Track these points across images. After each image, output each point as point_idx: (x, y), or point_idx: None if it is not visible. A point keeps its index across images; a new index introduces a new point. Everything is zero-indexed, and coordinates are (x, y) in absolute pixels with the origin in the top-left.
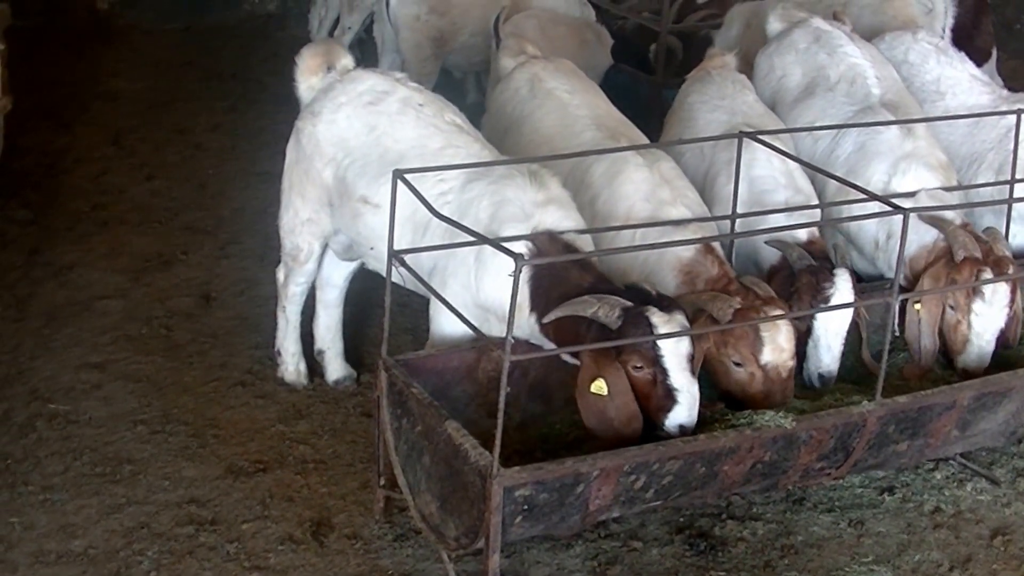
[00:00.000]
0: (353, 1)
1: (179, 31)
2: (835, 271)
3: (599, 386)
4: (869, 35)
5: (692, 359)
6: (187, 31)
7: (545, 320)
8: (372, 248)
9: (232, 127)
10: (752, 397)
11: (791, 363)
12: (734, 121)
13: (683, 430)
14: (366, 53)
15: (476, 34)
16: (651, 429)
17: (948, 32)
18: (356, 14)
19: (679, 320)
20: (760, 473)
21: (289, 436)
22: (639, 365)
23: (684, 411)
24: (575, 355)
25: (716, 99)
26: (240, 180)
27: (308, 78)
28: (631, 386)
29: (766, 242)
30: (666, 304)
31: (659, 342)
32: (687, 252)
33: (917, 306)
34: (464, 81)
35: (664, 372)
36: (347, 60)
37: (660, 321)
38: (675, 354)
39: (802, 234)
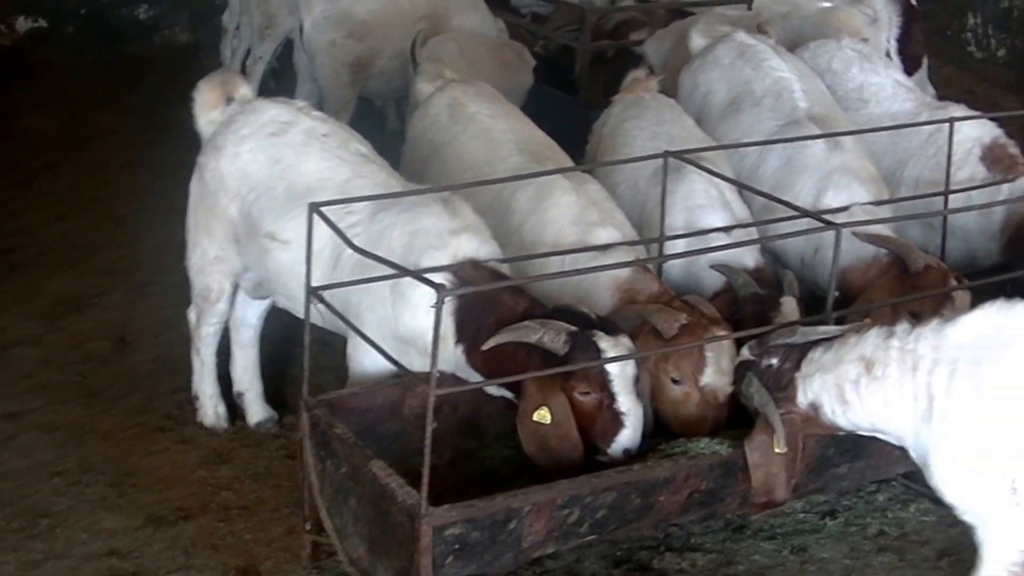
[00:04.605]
0: (264, 30)
1: (91, 65)
2: (782, 300)
3: (542, 415)
4: None
5: (637, 381)
6: (99, 65)
7: (485, 347)
8: (283, 285)
9: (148, 163)
10: (684, 419)
11: (730, 389)
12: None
13: (627, 453)
14: (282, 83)
15: (395, 58)
16: (590, 455)
17: (894, 42)
18: (268, 43)
19: (625, 343)
20: (698, 502)
21: (211, 482)
22: (586, 391)
23: (630, 434)
24: (515, 385)
25: (654, 126)
26: (158, 218)
27: (207, 112)
28: (574, 412)
29: (711, 266)
30: (610, 327)
31: (607, 367)
32: (621, 273)
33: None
34: (384, 108)
35: (612, 396)
36: (246, 90)
37: (608, 346)
38: (622, 377)
39: (749, 261)
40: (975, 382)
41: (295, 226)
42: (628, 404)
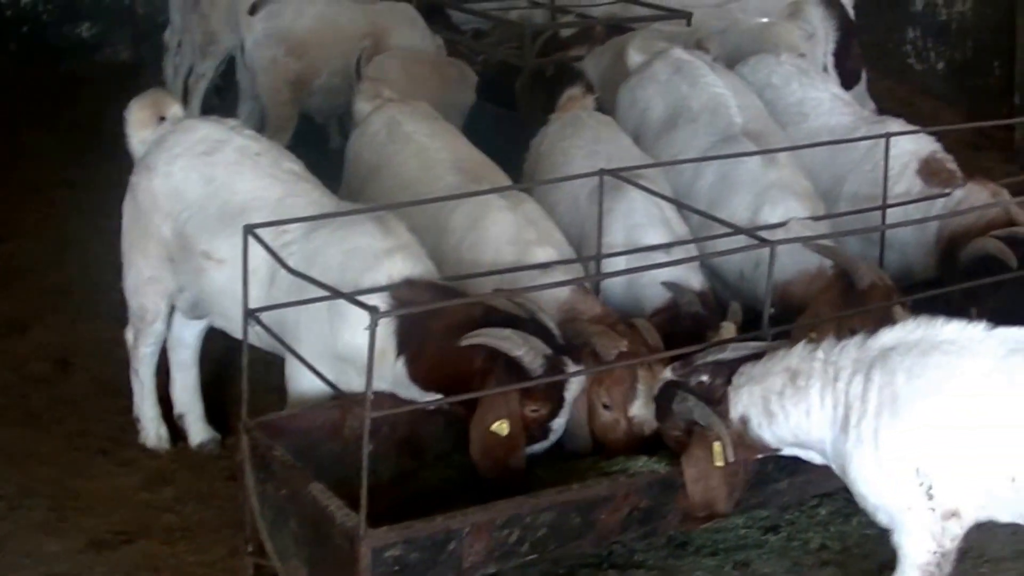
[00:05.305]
0: (206, 47)
1: (33, 83)
2: (722, 324)
3: (501, 427)
4: None
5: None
6: (41, 82)
7: (464, 342)
8: (218, 304)
9: (88, 183)
10: (611, 444)
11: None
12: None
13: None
14: (225, 100)
15: (335, 75)
16: None
17: (831, 56)
18: (209, 60)
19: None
20: (638, 520)
21: (154, 504)
22: (537, 409)
23: (545, 445)
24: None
25: (591, 144)
26: (98, 238)
27: (139, 131)
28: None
29: (662, 283)
30: (574, 354)
31: (565, 393)
32: (562, 293)
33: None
34: (326, 126)
35: (554, 416)
36: (177, 109)
37: (573, 380)
38: (570, 403)
39: (695, 283)
40: (890, 390)
41: (229, 245)
42: (560, 423)
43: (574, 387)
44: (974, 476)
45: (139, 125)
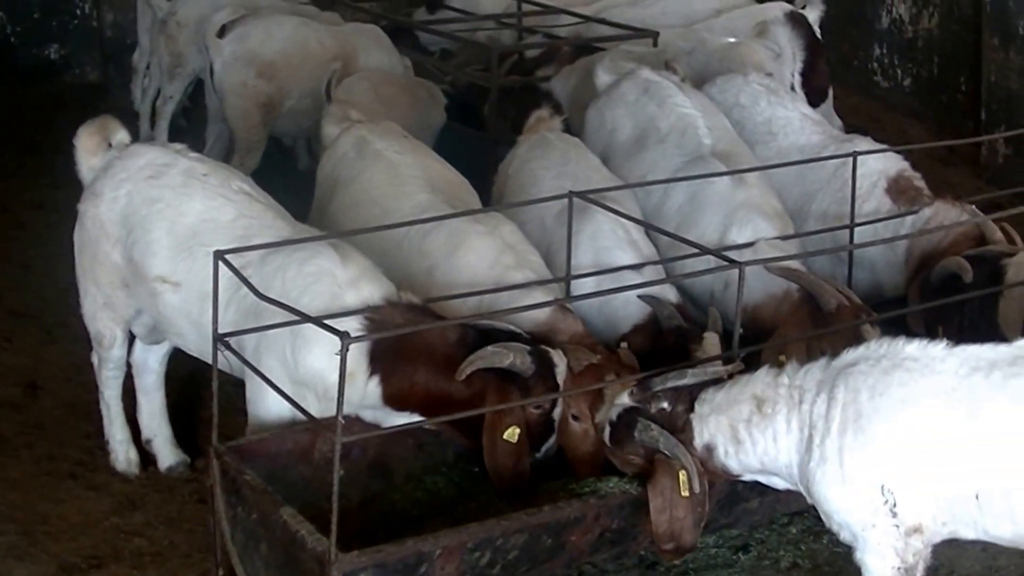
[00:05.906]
0: (174, 69)
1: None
2: (704, 335)
3: (513, 433)
4: None
5: None
6: (8, 104)
7: (459, 376)
8: (174, 325)
9: (55, 204)
10: (582, 457)
11: None
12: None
13: (546, 453)
14: (193, 122)
15: (305, 97)
16: None
17: (798, 75)
18: (177, 83)
19: (561, 355)
20: (609, 541)
21: (123, 529)
22: (539, 405)
23: (555, 437)
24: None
25: (559, 165)
26: (66, 260)
27: (88, 159)
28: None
29: (639, 296)
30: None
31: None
32: (541, 313)
33: (782, 356)
34: (294, 147)
35: (552, 408)
36: (123, 135)
37: (559, 361)
38: (561, 384)
39: (671, 296)
40: (854, 408)
41: (185, 268)
42: (559, 412)
43: (561, 369)
44: (937, 493)
45: (88, 152)
